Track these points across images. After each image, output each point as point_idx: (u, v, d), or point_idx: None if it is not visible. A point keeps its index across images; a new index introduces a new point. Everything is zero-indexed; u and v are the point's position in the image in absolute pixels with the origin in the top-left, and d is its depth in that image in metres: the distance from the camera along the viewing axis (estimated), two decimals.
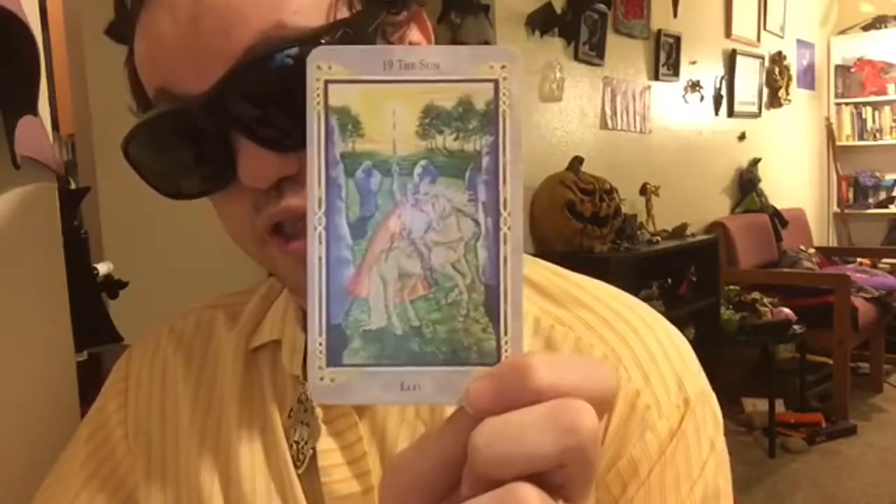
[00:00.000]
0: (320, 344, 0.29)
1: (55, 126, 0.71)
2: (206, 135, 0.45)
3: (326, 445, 0.50)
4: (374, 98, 0.29)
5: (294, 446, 0.52)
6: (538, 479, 0.27)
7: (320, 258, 0.29)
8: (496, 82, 0.29)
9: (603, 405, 0.28)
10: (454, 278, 0.29)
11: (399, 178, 0.29)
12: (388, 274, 0.29)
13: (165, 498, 0.55)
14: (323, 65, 0.29)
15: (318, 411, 0.51)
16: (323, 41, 0.43)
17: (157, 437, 0.57)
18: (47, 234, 0.65)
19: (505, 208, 0.29)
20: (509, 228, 0.29)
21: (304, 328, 0.54)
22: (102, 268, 1.04)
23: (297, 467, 0.51)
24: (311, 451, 0.51)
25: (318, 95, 0.29)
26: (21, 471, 0.64)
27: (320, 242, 0.29)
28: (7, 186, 0.62)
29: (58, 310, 0.67)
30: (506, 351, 0.29)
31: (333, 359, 0.29)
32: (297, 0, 0.44)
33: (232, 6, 0.43)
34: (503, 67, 0.29)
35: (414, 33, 0.51)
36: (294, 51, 0.42)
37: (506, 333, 0.29)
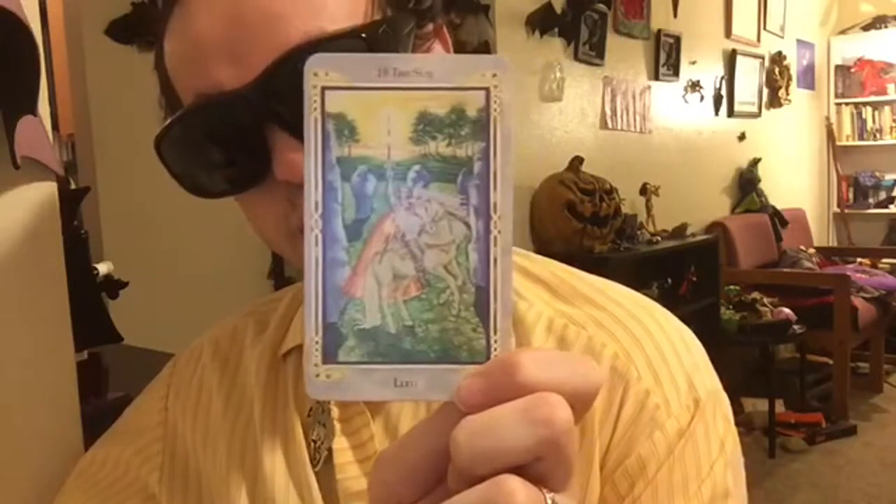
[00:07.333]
0: (316, 342, 0.30)
1: (55, 126, 0.71)
2: (243, 129, 0.46)
3: (340, 444, 0.52)
4: (370, 104, 0.30)
5: (312, 445, 0.53)
6: (519, 472, 0.28)
7: (317, 259, 0.30)
8: (487, 90, 0.30)
9: (587, 400, 0.29)
10: (446, 280, 0.30)
11: (393, 182, 0.30)
12: (382, 275, 0.30)
13: (187, 497, 0.57)
14: (320, 71, 0.30)
15: (335, 411, 0.53)
16: (363, 36, 0.45)
17: (190, 440, 0.59)
18: (47, 234, 0.65)
19: (495, 212, 0.30)
20: (499, 231, 0.30)
21: None
22: (102, 268, 1.04)
23: (314, 465, 0.53)
24: (325, 452, 0.52)
25: (315, 101, 0.30)
26: (21, 470, 0.64)
27: (317, 244, 0.30)
28: (7, 186, 0.62)
29: (58, 310, 0.67)
30: (495, 350, 0.30)
31: (329, 356, 0.30)
32: (333, 8, 0.45)
33: (273, 8, 0.44)
34: (494, 76, 0.30)
35: (437, 47, 0.53)
36: (337, 47, 0.44)
37: (495, 332, 0.30)
